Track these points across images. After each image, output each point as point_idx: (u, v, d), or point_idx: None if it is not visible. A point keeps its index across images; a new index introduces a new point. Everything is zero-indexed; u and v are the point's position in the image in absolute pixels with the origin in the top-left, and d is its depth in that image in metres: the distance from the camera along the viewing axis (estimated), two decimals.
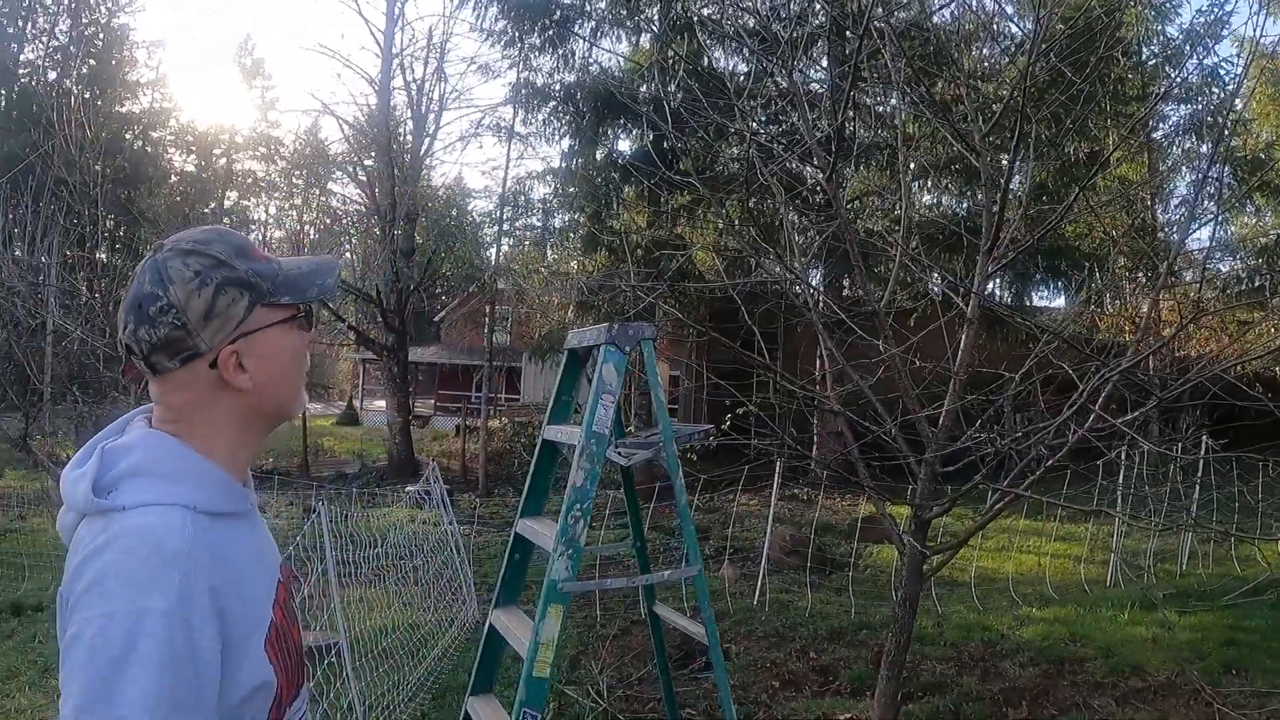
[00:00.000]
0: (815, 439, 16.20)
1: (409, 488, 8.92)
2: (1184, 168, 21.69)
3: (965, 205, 17.61)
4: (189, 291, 1.37)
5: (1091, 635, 7.38)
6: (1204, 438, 10.70)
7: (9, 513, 13.81)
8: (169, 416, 1.42)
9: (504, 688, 4.88)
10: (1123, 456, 8.93)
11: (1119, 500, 9.30)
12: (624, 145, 20.24)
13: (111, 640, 1.20)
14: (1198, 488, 10.24)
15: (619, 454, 3.53)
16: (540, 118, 20.12)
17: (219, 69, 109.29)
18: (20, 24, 45.48)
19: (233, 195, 55.13)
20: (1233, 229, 22.81)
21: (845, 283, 16.89)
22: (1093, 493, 9.23)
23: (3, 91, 44.54)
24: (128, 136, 43.89)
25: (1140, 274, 18.66)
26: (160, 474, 1.35)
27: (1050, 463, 4.42)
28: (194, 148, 54.65)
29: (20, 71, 45.20)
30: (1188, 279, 15.99)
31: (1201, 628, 7.67)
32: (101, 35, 46.24)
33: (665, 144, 14.86)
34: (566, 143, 20.40)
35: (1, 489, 15.73)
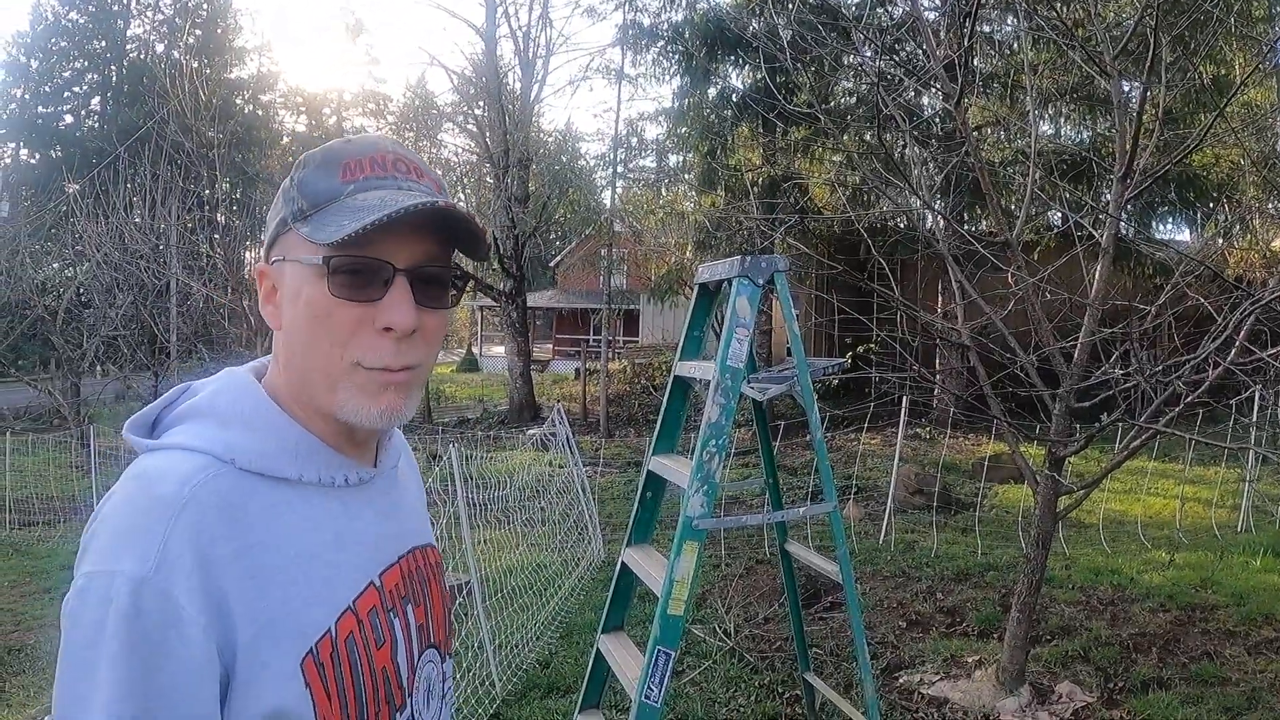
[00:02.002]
0: (939, 376, 15.95)
1: (531, 430, 9.02)
2: None
3: (1086, 134, 16.96)
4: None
5: (1222, 582, 7.12)
6: None
7: None
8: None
9: (632, 627, 4.92)
10: (1257, 396, 8.57)
11: (1253, 440, 8.93)
12: (736, 81, 19.92)
13: (86, 610, 0.94)
14: None
15: (754, 389, 3.49)
16: (649, 58, 20.01)
17: (322, 31, 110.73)
18: (125, 0, 46.87)
19: None
20: None
21: (965, 217, 16.48)
22: (1225, 433, 8.89)
23: (113, 67, 46.08)
24: (238, 101, 45.12)
25: (1271, 205, 17.83)
26: (215, 416, 1.10)
27: (1191, 399, 4.26)
28: (304, 108, 55.74)
29: (128, 47, 46.72)
30: None
31: None
32: (205, 6, 47.33)
33: (779, 79, 14.59)
34: (677, 82, 20.17)
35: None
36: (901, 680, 5.41)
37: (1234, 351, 4.00)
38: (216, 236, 20.81)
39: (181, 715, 0.93)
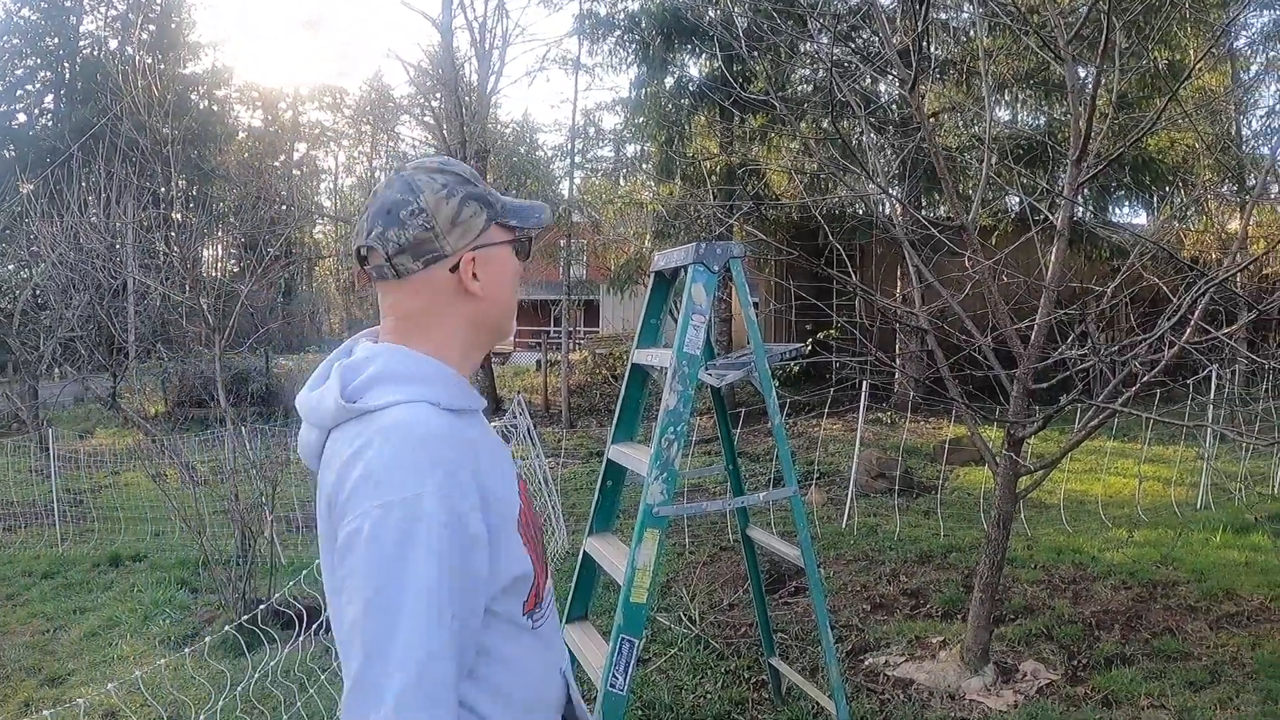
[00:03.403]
0: (898, 360, 16.04)
1: (493, 423, 8.96)
2: (1267, 77, 20.87)
3: (1042, 120, 17.12)
4: (439, 199, 1.48)
5: (1183, 559, 7.19)
6: None
7: (103, 469, 14.18)
8: (399, 327, 1.51)
9: (597, 616, 4.91)
10: (1214, 375, 8.67)
11: (1210, 419, 9.04)
12: (694, 70, 19.93)
13: (391, 528, 1.25)
14: None
15: (711, 375, 3.49)
16: (606, 47, 19.95)
17: (283, 27, 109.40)
18: None
19: (301, 147, 55.58)
20: None
21: (922, 202, 16.58)
22: (1183, 412, 8.99)
23: (67, 64, 45.28)
24: (193, 97, 44.44)
25: (1225, 188, 18.06)
26: (403, 377, 1.42)
27: (1148, 378, 4.30)
28: (260, 103, 55.12)
29: (82, 43, 45.90)
30: (1276, 193, 15.42)
31: None
32: (159, 0, 46.54)
33: (736, 67, 14.59)
34: (634, 71, 20.15)
35: (94, 447, 16.15)
36: (867, 662, 5.43)
37: (1189, 331, 4.04)
38: (173, 234, 20.50)
39: (478, 584, 1.33)
